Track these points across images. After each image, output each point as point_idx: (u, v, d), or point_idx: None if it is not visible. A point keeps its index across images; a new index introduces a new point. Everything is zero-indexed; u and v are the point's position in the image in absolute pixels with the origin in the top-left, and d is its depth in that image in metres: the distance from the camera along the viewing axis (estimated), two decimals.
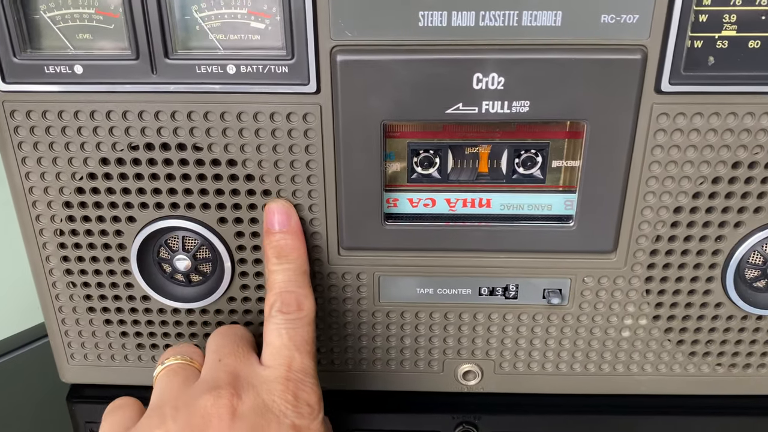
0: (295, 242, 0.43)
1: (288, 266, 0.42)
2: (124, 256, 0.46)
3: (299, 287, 0.42)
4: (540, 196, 0.46)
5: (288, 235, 0.43)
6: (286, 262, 0.42)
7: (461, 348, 0.49)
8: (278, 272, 0.42)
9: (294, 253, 0.43)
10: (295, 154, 0.42)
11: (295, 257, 0.43)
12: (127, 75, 0.40)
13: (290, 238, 0.43)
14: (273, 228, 0.43)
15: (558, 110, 0.41)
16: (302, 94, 0.40)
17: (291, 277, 0.42)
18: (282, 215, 0.43)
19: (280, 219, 0.43)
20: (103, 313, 0.48)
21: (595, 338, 0.49)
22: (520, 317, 0.48)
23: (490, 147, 0.44)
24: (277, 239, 0.43)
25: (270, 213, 0.43)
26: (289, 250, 0.43)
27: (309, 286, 0.43)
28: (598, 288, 0.46)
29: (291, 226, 0.43)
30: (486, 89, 0.40)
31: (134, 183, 0.43)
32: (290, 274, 0.42)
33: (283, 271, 0.42)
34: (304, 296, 0.41)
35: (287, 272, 0.42)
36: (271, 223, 0.43)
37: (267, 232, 0.44)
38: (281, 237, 0.43)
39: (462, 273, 0.46)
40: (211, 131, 0.41)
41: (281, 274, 0.42)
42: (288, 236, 0.43)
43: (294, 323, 0.40)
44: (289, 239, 0.43)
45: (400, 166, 0.44)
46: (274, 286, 0.42)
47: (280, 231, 0.43)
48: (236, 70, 0.40)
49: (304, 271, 0.43)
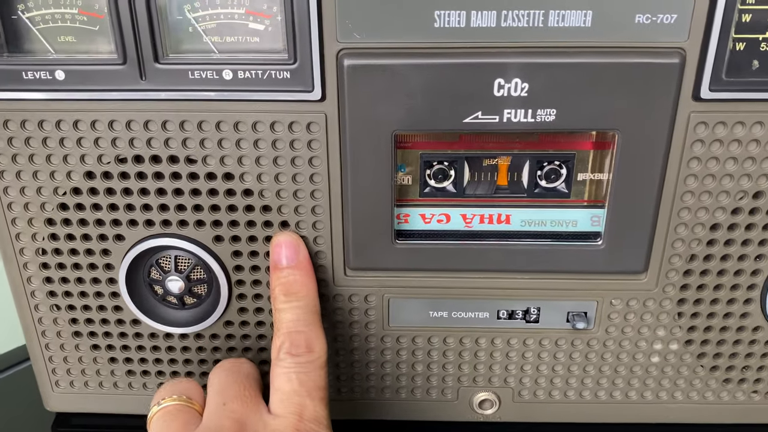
0: (304, 278, 0.40)
1: (297, 304, 0.39)
2: (112, 277, 0.43)
3: (309, 327, 0.38)
4: (564, 212, 0.42)
5: (296, 270, 0.40)
6: (295, 300, 0.39)
7: (477, 375, 0.47)
8: (286, 311, 0.39)
9: (303, 290, 0.40)
10: (298, 167, 0.39)
11: (305, 294, 0.40)
12: (113, 81, 0.37)
13: (299, 274, 0.40)
14: (280, 263, 0.40)
15: (587, 119, 0.37)
16: (306, 101, 0.37)
17: (300, 316, 0.39)
18: (290, 249, 0.40)
19: (288, 253, 0.40)
20: (90, 338, 0.46)
21: (621, 364, 0.46)
22: (542, 342, 0.45)
23: (511, 158, 0.41)
24: (285, 275, 0.40)
25: (277, 247, 0.40)
26: (298, 286, 0.40)
27: (320, 325, 0.39)
28: (627, 311, 0.44)
29: (299, 261, 0.40)
30: (508, 96, 0.37)
31: (122, 198, 0.40)
32: (299, 313, 0.39)
33: (291, 309, 0.39)
34: (315, 337, 0.38)
35: (296, 311, 0.39)
36: (278, 258, 0.40)
37: (274, 267, 0.40)
38: (289, 273, 0.40)
39: (479, 295, 0.43)
40: (206, 142, 0.39)
41: (290, 312, 0.39)
42: (296, 272, 0.40)
43: (305, 367, 0.37)
44: (298, 275, 0.40)
45: (411, 179, 0.41)
46: (281, 326, 0.39)
47: (288, 266, 0.40)
48: (233, 76, 0.37)
49: (314, 310, 0.40)
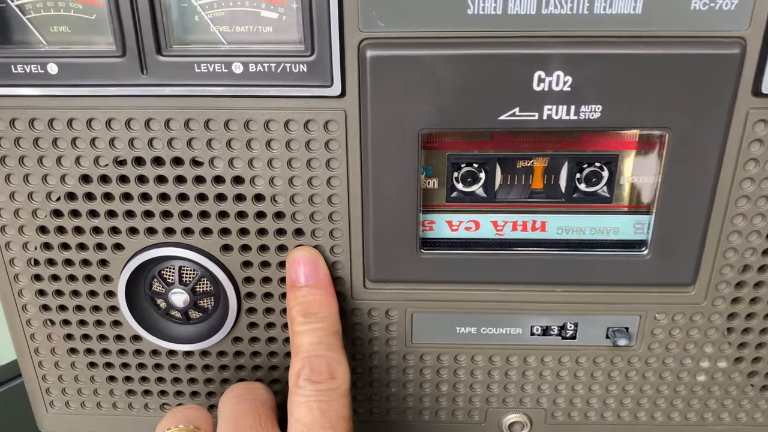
0: (325, 297, 0.37)
1: (317, 326, 0.36)
2: (111, 289, 0.41)
3: (331, 351, 0.35)
4: (605, 218, 0.39)
5: (316, 289, 0.37)
6: (315, 322, 0.36)
7: (507, 396, 0.44)
8: (305, 333, 0.36)
9: (323, 310, 0.37)
10: (314, 169, 0.37)
11: (325, 315, 0.37)
12: (111, 75, 0.35)
13: (318, 293, 0.37)
14: (298, 281, 0.38)
15: (635, 117, 0.35)
16: (324, 98, 0.35)
17: (321, 339, 0.36)
18: (308, 266, 0.37)
19: (306, 271, 0.37)
20: (87, 355, 0.44)
21: (664, 383, 0.43)
22: (579, 360, 0.42)
23: (547, 160, 0.38)
24: (303, 295, 0.37)
25: (294, 264, 0.38)
26: (318, 307, 0.37)
27: (342, 349, 0.36)
28: (672, 326, 0.41)
29: (319, 279, 0.38)
30: (549, 91, 0.34)
31: (122, 204, 0.38)
32: (320, 336, 0.36)
33: (311, 332, 0.36)
34: (337, 362, 0.35)
35: (316, 333, 0.36)
36: (296, 276, 0.38)
37: (291, 286, 0.38)
38: (308, 292, 0.37)
39: (511, 309, 0.41)
40: (214, 143, 0.36)
41: (309, 335, 0.36)
42: (316, 291, 0.37)
43: (327, 395, 0.34)
44: (318, 294, 0.37)
45: (437, 182, 0.39)
46: (300, 349, 0.36)
47: (307, 285, 0.37)
48: (244, 70, 0.35)
49: (335, 332, 0.37)
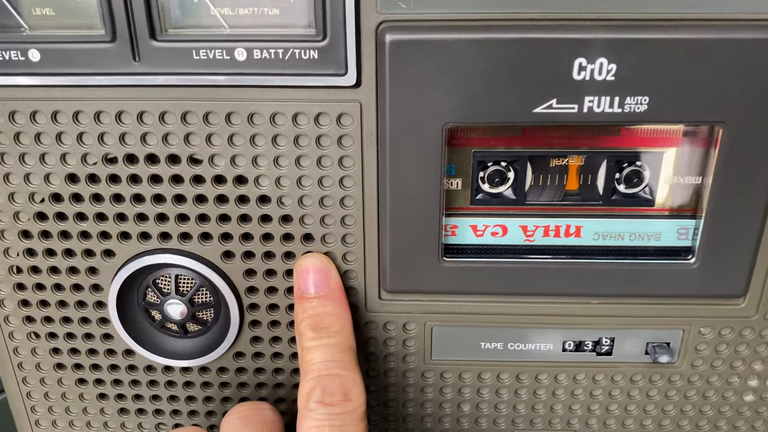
0: (337, 310, 0.34)
1: (329, 341, 0.33)
2: (101, 300, 0.38)
3: (345, 369, 0.32)
4: (646, 223, 0.36)
5: (327, 301, 0.34)
6: (327, 337, 0.33)
7: (535, 417, 0.41)
8: (316, 349, 0.33)
9: (336, 323, 0.34)
10: (326, 168, 0.34)
11: (338, 329, 0.34)
12: (100, 63, 0.32)
13: (330, 304, 0.34)
14: (307, 292, 0.35)
15: (685, 110, 0.31)
16: (337, 88, 0.32)
17: (333, 356, 0.33)
18: (318, 275, 0.35)
19: (316, 280, 0.35)
20: (76, 371, 0.41)
21: (708, 403, 0.40)
22: (614, 378, 0.40)
23: (583, 158, 0.35)
24: (313, 307, 0.34)
25: (303, 273, 0.35)
26: (330, 320, 0.34)
27: (357, 367, 0.33)
28: (719, 341, 0.38)
29: (331, 289, 0.35)
30: (591, 80, 0.31)
31: (112, 207, 0.35)
32: (332, 352, 0.33)
33: (322, 348, 0.33)
34: (352, 381, 0.32)
35: (328, 349, 0.33)
36: (305, 287, 0.35)
37: (300, 298, 0.35)
38: (318, 304, 0.34)
39: (541, 323, 0.38)
40: (214, 138, 0.33)
41: (320, 351, 0.33)
42: (327, 302, 0.34)
43: (341, 419, 0.31)
44: (329, 306, 0.34)
45: (461, 182, 0.36)
46: (311, 368, 0.33)
47: (317, 296, 0.35)
48: (247, 56, 0.31)
49: (349, 347, 0.34)
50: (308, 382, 0.32)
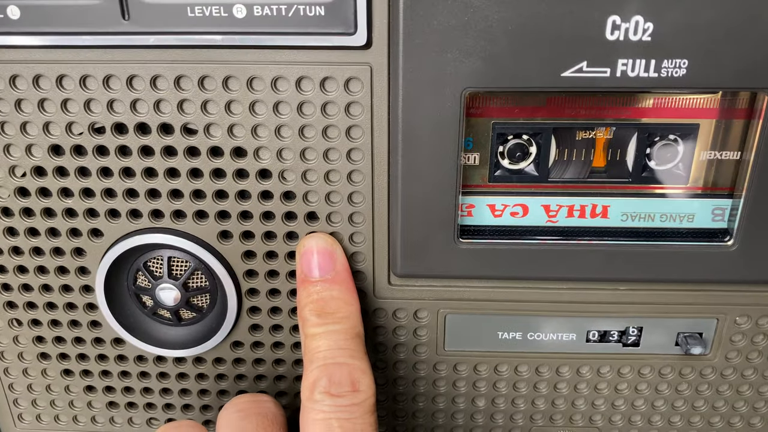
0: (344, 294, 0.32)
1: (335, 328, 0.31)
2: (88, 284, 0.36)
3: (353, 357, 0.30)
4: (679, 203, 0.34)
5: (333, 285, 0.32)
6: (333, 323, 0.31)
7: (555, 412, 0.39)
8: (321, 336, 0.31)
9: (343, 309, 0.32)
10: (332, 140, 0.31)
11: (345, 315, 0.32)
12: (85, 21, 0.30)
13: (336, 289, 0.32)
14: (311, 275, 0.33)
15: (729, 75, 0.29)
16: (345, 49, 0.30)
17: (340, 344, 0.30)
18: (323, 257, 0.32)
19: (321, 262, 0.32)
20: (61, 361, 0.39)
21: (741, 399, 0.38)
22: (641, 372, 0.37)
23: (612, 130, 0.32)
24: (317, 291, 0.32)
25: (306, 254, 0.33)
26: (336, 305, 0.32)
27: (365, 356, 0.31)
28: (756, 332, 0.36)
29: (337, 272, 0.33)
30: (625, 41, 0.28)
31: (100, 181, 0.33)
32: (338, 339, 0.31)
33: (327, 334, 0.31)
34: (361, 371, 0.30)
35: (334, 336, 0.31)
36: (308, 269, 0.33)
37: (303, 281, 0.33)
38: (323, 288, 0.32)
39: (563, 311, 0.36)
40: (210, 106, 0.31)
41: (326, 338, 0.31)
42: (333, 287, 0.32)
43: (350, 411, 0.29)
44: (335, 290, 0.32)
45: (479, 157, 0.33)
46: (316, 356, 0.30)
47: (322, 279, 0.32)
48: (247, 14, 0.29)
49: (357, 334, 0.31)
50: (313, 372, 0.29)
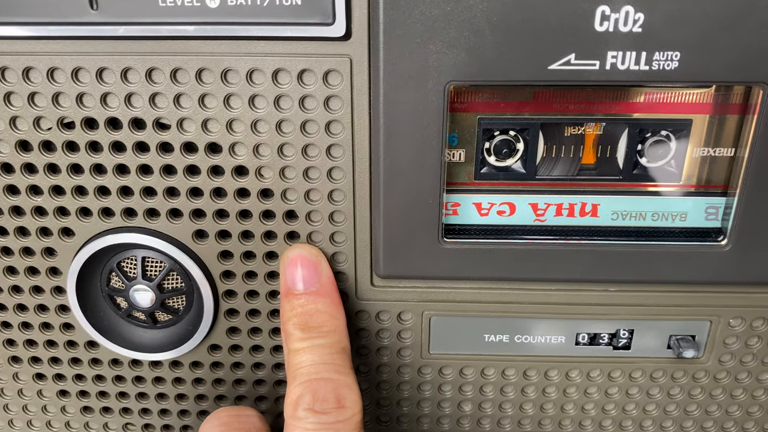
0: (329, 307, 0.31)
1: (320, 342, 0.30)
2: (59, 285, 0.35)
3: (338, 372, 0.29)
4: (671, 201, 0.33)
5: (318, 298, 0.31)
6: (317, 337, 0.30)
7: (544, 417, 0.38)
8: (304, 351, 0.30)
9: (328, 322, 0.31)
10: (311, 135, 0.30)
11: (330, 329, 0.31)
12: (52, 11, 0.29)
13: (321, 301, 0.31)
14: (295, 288, 0.32)
15: (722, 68, 0.28)
16: (323, 40, 0.29)
17: (325, 358, 0.30)
18: (308, 269, 0.32)
19: (306, 275, 0.32)
20: (33, 365, 0.38)
21: (736, 403, 0.37)
22: (632, 375, 0.36)
23: (602, 126, 0.31)
24: (302, 304, 0.31)
25: (290, 266, 0.32)
26: (321, 318, 0.31)
27: (352, 371, 0.30)
28: (750, 334, 0.35)
29: (322, 284, 0.32)
30: (615, 32, 0.27)
31: (70, 179, 0.32)
32: (323, 354, 0.30)
33: (312, 349, 0.30)
34: (347, 386, 0.29)
35: (319, 351, 0.30)
36: (292, 282, 0.32)
37: (287, 294, 0.32)
38: (308, 300, 0.31)
39: (552, 313, 0.35)
40: (183, 100, 0.30)
41: (310, 353, 0.30)
42: (318, 299, 0.31)
43: (335, 428, 0.28)
44: (320, 303, 0.31)
45: (464, 154, 0.32)
46: (299, 372, 0.29)
47: (306, 292, 0.32)
48: (220, 3, 0.28)
49: (342, 349, 0.31)
50: (296, 388, 0.28)
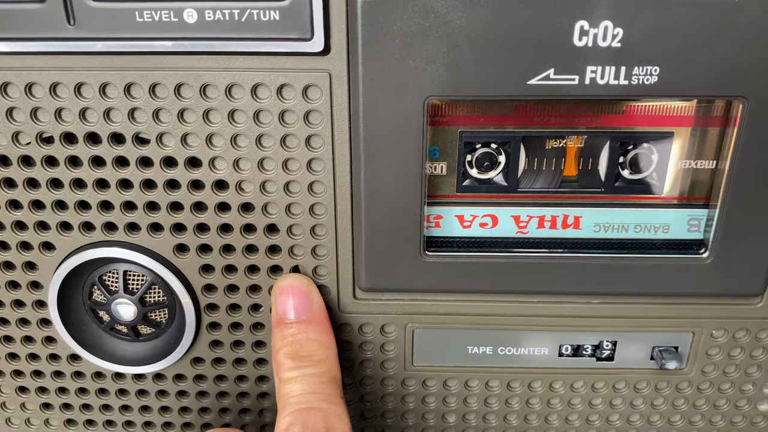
0: (320, 336, 0.31)
1: (311, 372, 0.30)
2: (40, 299, 0.35)
3: (328, 402, 0.29)
4: (653, 213, 0.33)
5: (309, 326, 0.31)
6: (308, 366, 0.30)
7: (529, 428, 0.38)
8: (295, 381, 0.30)
9: (319, 352, 0.31)
10: (291, 149, 0.30)
11: (321, 358, 0.31)
12: (29, 26, 0.28)
13: (312, 330, 0.31)
14: (287, 317, 0.32)
15: (702, 83, 0.28)
16: (302, 55, 0.28)
17: (315, 387, 0.29)
18: (299, 298, 0.32)
19: (297, 304, 0.32)
20: (16, 378, 0.38)
21: (719, 414, 0.37)
22: (616, 387, 0.36)
23: (583, 139, 0.31)
24: (293, 333, 0.31)
25: (281, 296, 0.32)
26: (312, 348, 0.31)
27: (342, 401, 0.30)
28: (732, 345, 0.35)
29: (313, 313, 0.32)
30: (594, 47, 0.27)
31: (50, 193, 0.32)
32: (314, 384, 0.29)
33: (302, 378, 0.30)
34: (337, 416, 0.28)
35: (309, 380, 0.30)
36: (283, 311, 0.32)
37: (278, 323, 0.32)
38: (299, 330, 0.31)
39: (535, 325, 0.34)
40: (162, 115, 0.30)
41: (300, 382, 0.29)
42: (309, 328, 0.31)
43: None
44: (311, 332, 0.31)
45: (446, 167, 0.32)
46: (289, 401, 0.29)
47: (298, 321, 0.31)
48: (198, 18, 0.28)
49: (333, 378, 0.30)
50: (286, 417, 0.28)
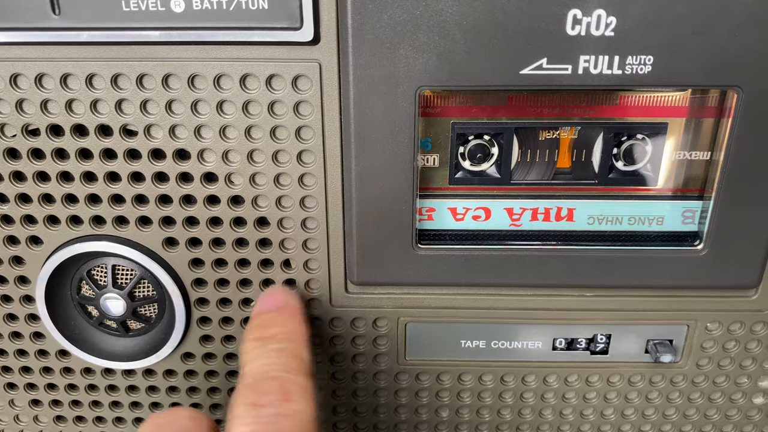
0: (288, 323, 0.31)
1: (274, 347, 0.29)
2: (28, 294, 0.34)
3: (288, 372, 0.28)
4: (647, 205, 0.32)
5: (278, 316, 0.31)
6: (273, 342, 0.29)
7: (522, 423, 0.38)
8: (258, 357, 0.28)
9: (284, 332, 0.30)
10: (281, 141, 0.30)
11: (285, 338, 0.29)
12: (13, 16, 0.28)
13: (280, 318, 0.31)
14: (261, 309, 0.31)
15: (696, 72, 0.28)
16: (291, 44, 0.28)
17: (275, 361, 0.28)
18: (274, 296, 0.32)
19: (270, 300, 0.32)
20: (4, 375, 0.37)
21: (714, 407, 0.37)
22: (610, 380, 0.36)
23: (577, 130, 0.31)
24: (261, 318, 0.31)
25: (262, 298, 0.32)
26: (279, 328, 0.30)
27: (306, 376, 0.28)
28: (727, 338, 0.35)
29: (287, 306, 0.32)
30: (587, 36, 0.27)
31: (36, 187, 0.31)
32: (275, 357, 0.28)
33: (265, 354, 0.28)
34: (296, 384, 0.27)
35: (271, 355, 0.28)
36: (259, 308, 0.32)
37: (253, 316, 0.31)
38: (268, 318, 0.31)
39: (528, 318, 0.34)
40: (150, 106, 0.29)
41: (260, 358, 0.28)
42: (278, 317, 0.31)
43: (274, 422, 0.25)
44: (279, 319, 0.31)
45: (438, 159, 0.32)
46: (246, 373, 0.28)
47: (266, 312, 0.31)
48: (186, 7, 0.27)
49: (298, 356, 0.29)
50: (240, 390, 0.27)
